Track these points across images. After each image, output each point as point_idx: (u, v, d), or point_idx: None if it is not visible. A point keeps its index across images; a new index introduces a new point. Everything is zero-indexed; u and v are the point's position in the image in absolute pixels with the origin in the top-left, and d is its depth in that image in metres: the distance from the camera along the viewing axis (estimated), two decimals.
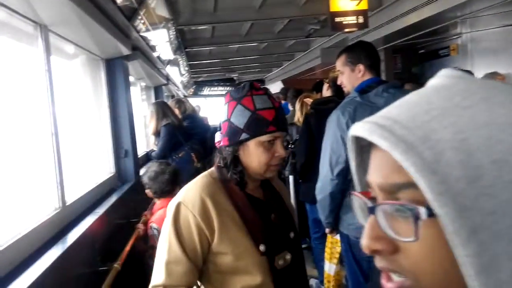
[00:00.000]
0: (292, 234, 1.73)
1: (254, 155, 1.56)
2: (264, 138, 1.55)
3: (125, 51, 4.59)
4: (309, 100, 4.94)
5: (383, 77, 6.09)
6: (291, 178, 5.31)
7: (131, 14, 3.91)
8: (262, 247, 1.52)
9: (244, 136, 1.56)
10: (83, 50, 4.13)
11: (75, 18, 3.07)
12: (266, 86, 1.77)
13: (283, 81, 14.32)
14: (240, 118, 1.56)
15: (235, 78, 15.76)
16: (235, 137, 1.58)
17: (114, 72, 4.79)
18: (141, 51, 5.42)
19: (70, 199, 3.32)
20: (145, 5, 4.01)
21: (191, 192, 1.59)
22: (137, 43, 5.05)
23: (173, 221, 1.53)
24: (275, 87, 13.91)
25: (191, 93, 15.87)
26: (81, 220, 3.30)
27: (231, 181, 1.62)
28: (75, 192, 3.58)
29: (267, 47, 10.88)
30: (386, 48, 8.91)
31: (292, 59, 13.00)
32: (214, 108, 16.04)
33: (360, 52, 2.91)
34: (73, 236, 2.96)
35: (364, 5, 6.22)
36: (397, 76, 9.80)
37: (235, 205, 1.57)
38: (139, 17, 4.03)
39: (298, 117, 5.13)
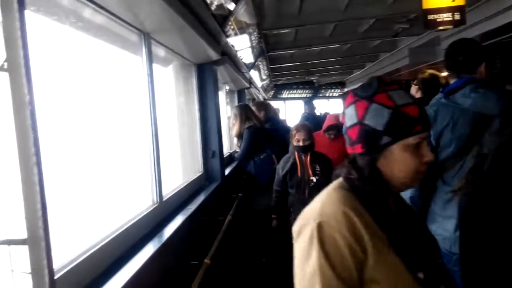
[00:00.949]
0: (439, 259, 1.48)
1: (401, 162, 1.29)
2: (411, 140, 1.29)
3: (215, 56, 4.79)
4: None
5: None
6: None
7: (222, 20, 4.08)
8: (420, 275, 1.25)
9: (385, 140, 1.29)
10: (177, 56, 4.40)
11: (173, 25, 3.27)
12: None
13: None
14: (378, 119, 1.29)
15: (314, 80, 15.64)
16: (374, 142, 1.31)
17: (204, 77, 5.03)
18: (228, 56, 5.62)
19: (166, 195, 3.53)
20: (235, 11, 4.15)
21: (329, 207, 1.30)
22: (225, 49, 5.25)
23: (319, 246, 1.20)
24: None
25: (270, 96, 16.10)
26: (175, 216, 3.49)
27: (368, 195, 1.32)
28: (170, 189, 3.81)
29: (350, 48, 10.64)
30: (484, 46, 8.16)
31: (376, 60, 12.55)
32: (292, 111, 16.07)
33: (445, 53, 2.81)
34: (169, 230, 3.15)
35: (461, 1, 5.77)
36: (496, 76, 8.93)
37: (380, 223, 1.28)
38: (229, 23, 4.18)
39: None
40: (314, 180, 4.02)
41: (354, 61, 13.06)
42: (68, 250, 1.95)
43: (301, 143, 4.10)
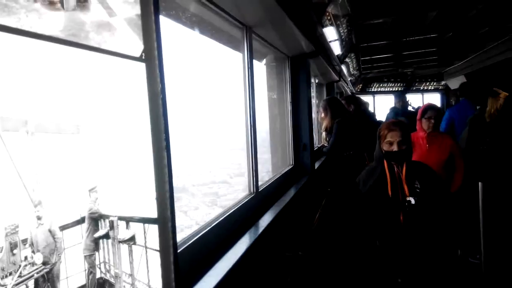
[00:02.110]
0: None
1: None
2: None
3: (309, 48, 4.74)
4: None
5: None
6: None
7: (319, 10, 4.01)
8: None
9: None
10: (273, 49, 4.44)
11: (273, 17, 3.30)
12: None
13: (467, 75, 12.69)
14: None
15: (408, 73, 14.72)
16: None
17: (297, 70, 5.01)
18: (321, 48, 5.53)
19: (260, 186, 3.60)
20: (334, 2, 4.06)
21: None
22: (319, 40, 5.18)
23: None
24: (455, 83, 12.44)
25: (358, 90, 15.55)
26: (270, 206, 3.54)
27: None
28: (264, 180, 3.87)
29: (451, 37, 9.79)
30: None
31: (481, 50, 11.39)
32: (382, 105, 15.32)
33: None
34: (264, 220, 3.21)
35: None
36: None
37: None
38: (326, 14, 4.10)
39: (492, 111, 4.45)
40: (413, 201, 2.64)
41: (455, 51, 11.99)
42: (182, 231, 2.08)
43: (395, 148, 2.70)
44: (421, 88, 15.88)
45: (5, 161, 0.81)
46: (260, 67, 4.89)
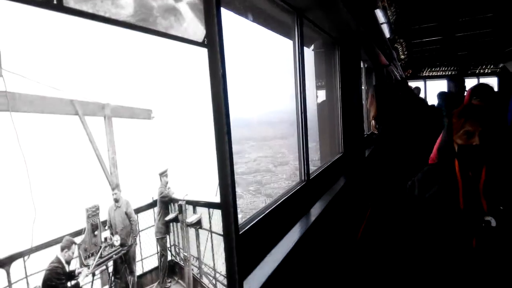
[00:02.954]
0: None
1: None
2: None
3: (359, 32, 4.58)
4: None
5: None
6: None
7: None
8: None
9: None
10: (322, 34, 4.32)
11: (324, 0, 3.20)
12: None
13: None
14: None
15: (462, 55, 13.89)
16: None
17: (347, 55, 4.86)
18: (371, 32, 5.33)
19: (311, 174, 3.55)
20: None
21: None
22: (369, 24, 4.98)
23: None
24: None
25: (409, 75, 14.90)
26: (321, 195, 3.49)
27: None
28: (315, 169, 3.82)
29: (508, 16, 9.07)
30: None
31: None
32: (434, 91, 14.60)
33: None
34: (316, 208, 3.17)
35: None
36: None
37: None
38: None
39: None
40: (493, 223, 1.79)
41: None
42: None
43: (476, 141, 1.79)
44: (477, 71, 14.92)
45: (86, 144, 0.84)
46: (309, 53, 4.79)
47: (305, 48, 4.47)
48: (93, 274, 0.85)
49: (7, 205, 0.68)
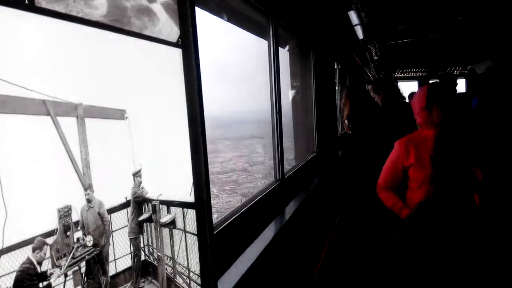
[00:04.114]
0: None
1: None
2: None
3: (332, 33, 4.67)
4: None
5: None
6: None
7: None
8: None
9: None
10: (297, 35, 4.38)
11: (298, 4, 3.25)
12: None
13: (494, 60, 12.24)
14: None
15: (433, 57, 14.29)
16: None
17: (322, 56, 4.94)
18: (344, 33, 5.44)
19: (286, 173, 3.59)
20: None
21: None
22: (342, 25, 5.09)
23: None
24: (482, 67, 12.01)
25: (381, 75, 15.22)
26: (296, 194, 3.54)
27: None
28: (288, 168, 3.87)
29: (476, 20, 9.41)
30: None
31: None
32: (405, 90, 14.95)
33: None
34: (290, 207, 3.22)
35: None
36: None
37: None
38: None
39: None
40: None
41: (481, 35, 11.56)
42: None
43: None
44: (447, 71, 15.40)
45: (58, 145, 0.83)
46: (283, 53, 4.83)
47: (280, 48, 4.51)
48: (66, 275, 0.84)
49: None
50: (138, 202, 1.08)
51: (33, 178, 0.78)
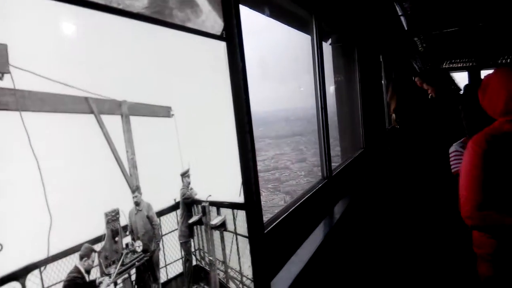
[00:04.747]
0: None
1: None
2: None
3: (377, 25, 4.47)
4: None
5: None
6: None
7: None
8: None
9: None
10: (340, 28, 4.23)
11: None
12: None
13: None
14: None
15: (482, 46, 13.43)
16: None
17: (366, 48, 4.76)
18: (389, 25, 5.19)
19: (333, 171, 3.46)
20: None
21: None
22: (387, 17, 4.85)
23: None
24: None
25: (427, 67, 14.51)
26: (343, 192, 3.40)
27: None
28: (336, 165, 3.73)
29: None
30: None
31: None
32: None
33: None
34: (339, 207, 3.09)
35: None
36: None
37: None
38: None
39: None
40: None
41: None
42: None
43: None
44: (499, 62, 14.42)
45: (103, 144, 0.78)
46: (326, 47, 4.68)
47: (323, 42, 4.38)
48: (115, 284, 0.79)
49: (20, 212, 0.63)
50: (188, 204, 1.02)
51: (78, 181, 0.74)
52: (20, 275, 0.60)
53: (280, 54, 3.39)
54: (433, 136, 4.96)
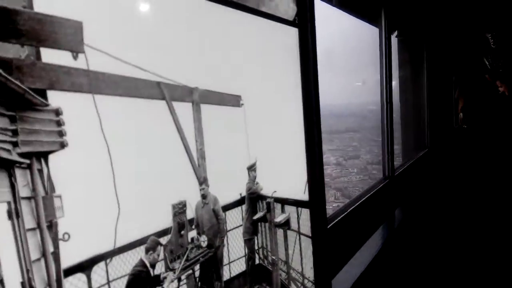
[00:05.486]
0: None
1: None
2: None
3: (449, 16, 4.15)
4: None
5: None
6: None
7: None
8: None
9: None
10: (408, 20, 3.98)
11: None
12: None
13: None
14: None
15: None
16: None
17: (436, 43, 4.47)
18: (461, 16, 4.82)
19: (396, 170, 3.27)
20: None
21: None
22: (457, 8, 4.51)
23: None
24: None
25: (500, 64, 13.42)
26: (406, 195, 3.21)
27: None
28: (399, 165, 3.54)
29: None
30: None
31: None
32: None
33: None
34: (402, 211, 2.92)
35: None
36: None
37: None
38: None
39: None
40: None
41: None
42: None
43: None
44: None
45: (172, 132, 0.74)
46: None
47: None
48: (179, 279, 0.76)
49: (88, 200, 0.60)
50: (253, 199, 0.97)
51: (145, 170, 0.70)
52: (86, 266, 0.58)
53: (338, 46, 3.24)
54: (506, 136, 4.56)
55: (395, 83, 4.59)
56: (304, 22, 1.18)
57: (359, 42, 3.26)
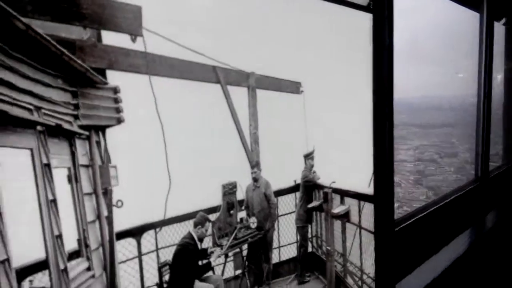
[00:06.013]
0: None
1: None
2: None
3: None
4: None
5: None
6: None
7: None
8: None
9: None
10: None
11: None
12: None
13: None
14: None
15: None
16: None
17: None
18: None
19: (491, 173, 2.96)
20: None
21: None
22: None
23: None
24: None
25: None
26: (500, 201, 2.90)
27: None
28: (495, 167, 3.19)
29: None
30: None
31: None
32: None
33: None
34: (493, 217, 2.65)
35: None
36: None
37: None
38: None
39: None
40: None
41: None
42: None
43: None
44: None
45: (226, 116, 0.77)
46: (497, 28, 3.98)
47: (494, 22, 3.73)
48: (226, 256, 0.79)
49: (141, 172, 0.66)
50: (308, 187, 0.96)
51: (198, 149, 0.74)
52: (136, 232, 0.64)
53: (436, 32, 2.99)
54: None
55: (500, 76, 4.12)
56: (380, 7, 1.11)
57: (463, 28, 2.98)
